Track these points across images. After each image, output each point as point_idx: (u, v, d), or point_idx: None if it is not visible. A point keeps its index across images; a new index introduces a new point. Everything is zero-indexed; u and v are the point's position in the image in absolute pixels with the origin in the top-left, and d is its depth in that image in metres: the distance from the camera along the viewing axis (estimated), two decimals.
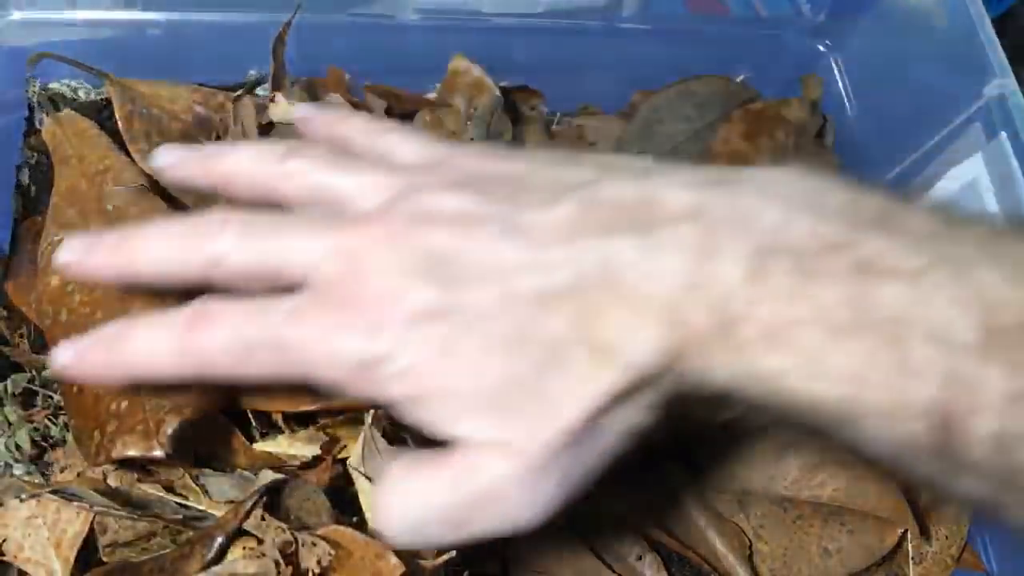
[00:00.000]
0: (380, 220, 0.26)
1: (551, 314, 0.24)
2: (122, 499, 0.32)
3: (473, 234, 0.24)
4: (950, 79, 0.45)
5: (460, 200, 0.25)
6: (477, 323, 0.24)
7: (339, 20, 0.47)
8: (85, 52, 0.43)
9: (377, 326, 0.24)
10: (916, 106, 0.47)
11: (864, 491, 0.38)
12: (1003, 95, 0.41)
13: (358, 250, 0.25)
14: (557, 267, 0.24)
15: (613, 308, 0.23)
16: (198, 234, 0.27)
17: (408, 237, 0.25)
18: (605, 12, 0.52)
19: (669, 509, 0.38)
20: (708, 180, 0.24)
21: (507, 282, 0.24)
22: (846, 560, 0.38)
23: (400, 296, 0.24)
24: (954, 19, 0.43)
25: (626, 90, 0.52)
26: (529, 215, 0.24)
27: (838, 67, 0.52)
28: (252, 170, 0.29)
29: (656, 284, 0.23)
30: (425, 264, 0.24)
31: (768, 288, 0.22)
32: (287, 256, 0.26)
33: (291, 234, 0.26)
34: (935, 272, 0.22)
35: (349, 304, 0.24)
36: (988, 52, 0.41)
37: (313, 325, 0.25)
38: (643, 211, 0.24)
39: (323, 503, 0.31)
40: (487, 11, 0.48)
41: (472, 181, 0.26)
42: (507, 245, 0.24)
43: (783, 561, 0.38)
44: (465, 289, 0.24)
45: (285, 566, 0.28)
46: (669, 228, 0.23)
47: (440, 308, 0.24)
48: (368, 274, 0.25)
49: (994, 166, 0.42)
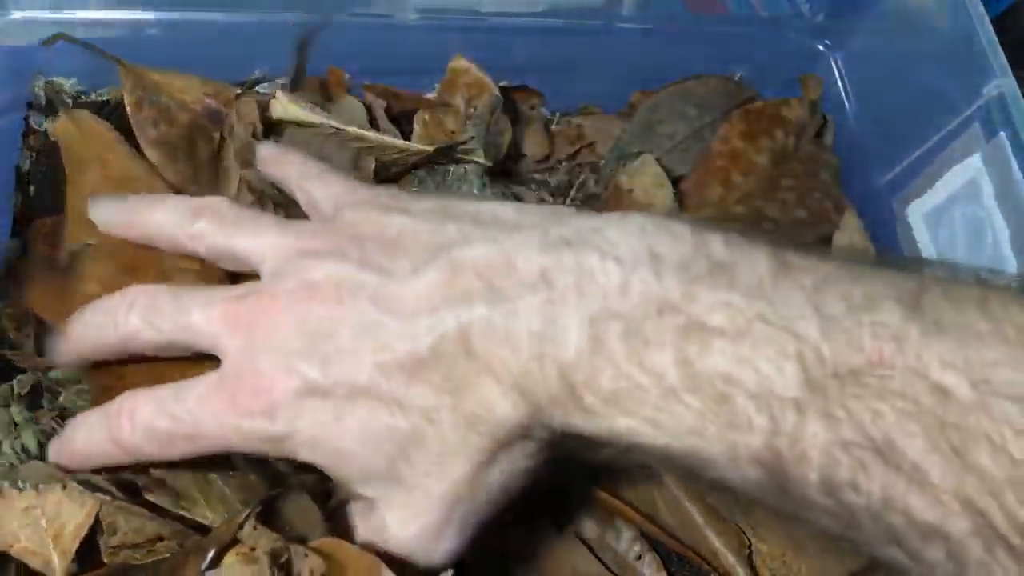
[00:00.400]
0: (269, 292, 0.28)
1: (419, 383, 0.25)
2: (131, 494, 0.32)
3: (347, 305, 0.26)
4: (950, 79, 0.45)
5: (339, 268, 0.27)
6: (358, 395, 0.26)
7: (339, 20, 0.47)
8: (84, 52, 0.43)
9: (272, 408, 0.27)
10: (916, 106, 0.47)
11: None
12: (1003, 95, 0.41)
13: (250, 324, 0.28)
14: (422, 336, 0.25)
15: (473, 376, 0.25)
16: (110, 316, 0.30)
17: (292, 310, 0.27)
18: (605, 12, 0.52)
19: (668, 509, 0.38)
20: (560, 240, 0.26)
21: (379, 353, 0.26)
22: (845, 558, 0.38)
23: (287, 377, 0.27)
24: (954, 19, 0.43)
25: (626, 90, 0.52)
26: (399, 283, 0.26)
27: (838, 67, 0.52)
28: (167, 230, 0.32)
29: (508, 354, 0.25)
30: (308, 340, 0.26)
31: (605, 356, 0.24)
32: (191, 331, 0.29)
33: (191, 309, 0.29)
34: (758, 330, 0.23)
35: (247, 388, 0.27)
36: (988, 52, 0.41)
37: (219, 413, 0.27)
38: (499, 276, 0.25)
39: (317, 515, 0.31)
40: (487, 11, 0.48)
41: (356, 241, 0.28)
42: (378, 315, 0.26)
43: (782, 560, 0.38)
44: (343, 363, 0.26)
45: (278, 572, 0.28)
46: (520, 297, 0.25)
47: (323, 385, 0.26)
48: (260, 353, 0.27)
49: (993, 166, 0.42)
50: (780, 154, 0.49)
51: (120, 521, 0.32)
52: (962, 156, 0.43)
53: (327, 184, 0.33)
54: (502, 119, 0.47)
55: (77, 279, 0.35)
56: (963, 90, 0.42)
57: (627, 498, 0.38)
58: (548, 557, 0.37)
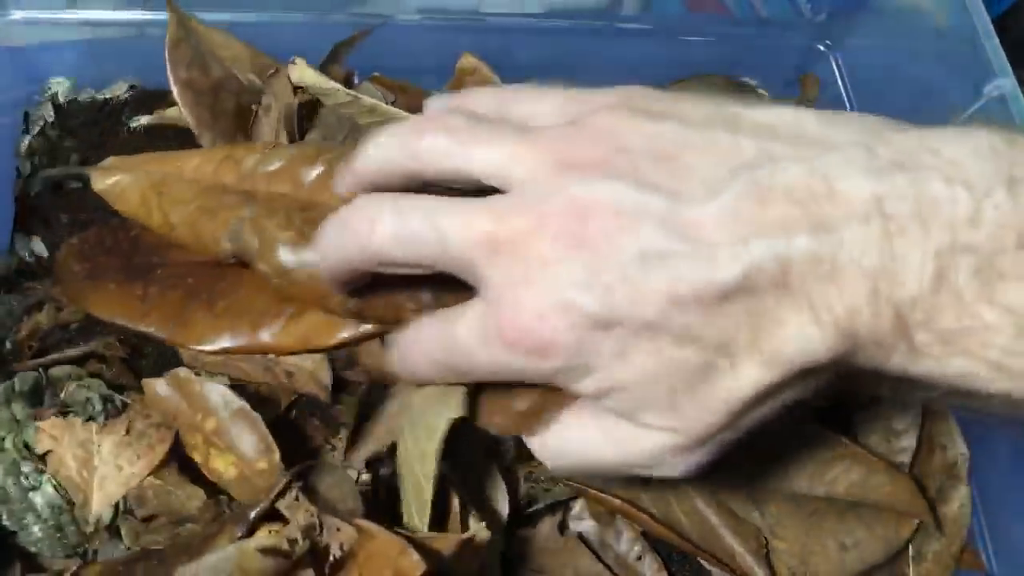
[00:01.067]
0: (533, 213, 0.25)
1: (719, 317, 0.23)
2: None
3: (631, 231, 0.23)
4: (950, 79, 0.45)
5: (613, 188, 0.24)
6: (646, 329, 0.23)
7: (339, 20, 0.47)
8: (85, 52, 0.43)
9: (544, 346, 0.24)
10: (916, 106, 0.47)
11: (879, 484, 0.37)
12: (1003, 95, 0.41)
13: (513, 251, 0.24)
14: (726, 267, 0.22)
15: (786, 312, 0.22)
16: (352, 234, 0.27)
17: (562, 238, 0.24)
18: (605, 12, 0.52)
19: (682, 510, 0.38)
20: (890, 163, 0.22)
21: (673, 285, 0.23)
22: (864, 554, 0.38)
23: (563, 314, 0.24)
24: (954, 19, 0.43)
25: None
26: (692, 209, 0.23)
27: (838, 67, 0.52)
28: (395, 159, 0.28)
29: (833, 291, 0.22)
30: (585, 271, 0.24)
31: (951, 294, 0.21)
32: (447, 256, 0.25)
33: (446, 232, 0.25)
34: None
35: (515, 324, 0.25)
36: (988, 52, 0.41)
37: (490, 347, 0.26)
38: (821, 203, 0.22)
39: (351, 488, 0.31)
40: (487, 11, 0.48)
41: (624, 154, 0.24)
42: (669, 243, 0.23)
43: (800, 558, 0.38)
44: (630, 295, 0.23)
45: (304, 542, 0.28)
46: (850, 227, 0.22)
47: (606, 319, 0.24)
48: (526, 286, 0.24)
49: None
50: None
51: (150, 493, 0.32)
52: None
53: (545, 96, 0.29)
54: None
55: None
56: (963, 90, 0.42)
57: (641, 502, 0.38)
58: (549, 557, 0.37)
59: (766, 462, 0.39)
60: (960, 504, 0.40)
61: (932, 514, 0.38)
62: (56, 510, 0.33)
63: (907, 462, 0.39)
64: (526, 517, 0.38)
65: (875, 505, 0.38)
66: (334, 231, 0.27)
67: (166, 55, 0.40)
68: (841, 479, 0.38)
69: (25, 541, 0.34)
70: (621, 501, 0.37)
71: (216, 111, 0.41)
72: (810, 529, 0.38)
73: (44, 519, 0.33)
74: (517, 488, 0.38)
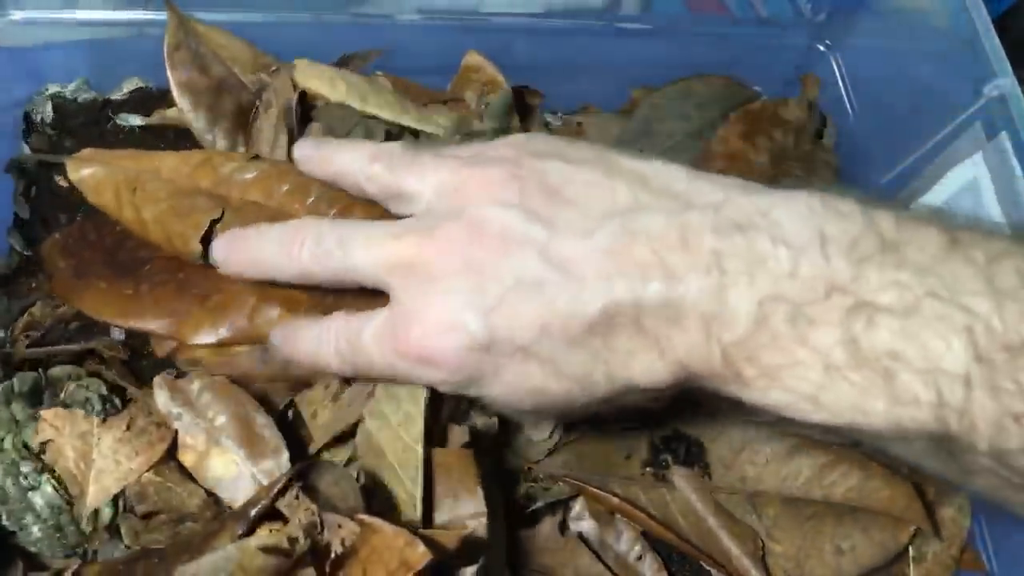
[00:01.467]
0: (430, 233, 0.28)
1: (580, 349, 0.26)
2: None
3: (513, 255, 0.26)
4: (950, 79, 0.45)
5: (503, 214, 0.27)
6: (518, 352, 0.27)
7: (339, 20, 0.47)
8: (85, 52, 0.43)
9: (433, 359, 0.28)
10: (916, 106, 0.47)
11: (877, 489, 0.38)
12: (1003, 95, 0.41)
13: (411, 266, 0.28)
14: (591, 301, 0.25)
15: (637, 348, 0.26)
16: (284, 248, 0.32)
17: (453, 253, 0.27)
18: (605, 12, 0.52)
19: (680, 511, 0.38)
20: (731, 223, 0.26)
21: (544, 312, 0.26)
22: (859, 558, 0.38)
23: (451, 333, 0.27)
24: (954, 19, 0.43)
25: (626, 90, 0.52)
26: (568, 242, 0.26)
27: (838, 67, 0.52)
28: (350, 170, 0.33)
29: (676, 332, 0.25)
30: (471, 288, 0.27)
31: (771, 335, 0.24)
32: (357, 272, 0.30)
33: (354, 250, 0.30)
34: (928, 306, 0.23)
35: (412, 337, 0.28)
36: (988, 52, 0.41)
37: (387, 354, 0.29)
38: (673, 252, 0.25)
39: (352, 485, 0.31)
40: (487, 11, 0.48)
41: (516, 181, 0.28)
42: (545, 272, 0.26)
43: (796, 561, 0.38)
44: (507, 318, 0.26)
45: (304, 540, 0.28)
46: (692, 278, 0.25)
47: (485, 342, 0.27)
48: (422, 299, 0.28)
49: (994, 166, 0.42)
50: (779, 154, 0.49)
51: (151, 490, 0.32)
52: (963, 156, 0.43)
53: (426, 167, 0.31)
54: (514, 115, 0.48)
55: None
56: (964, 90, 0.42)
57: (639, 501, 0.38)
58: (550, 557, 0.37)
59: (765, 465, 0.39)
60: (959, 506, 0.40)
61: (930, 520, 0.38)
62: (55, 510, 0.33)
63: (905, 467, 0.39)
64: (526, 517, 0.38)
65: (873, 510, 0.38)
66: (262, 241, 0.32)
67: (165, 58, 0.41)
68: (839, 483, 0.38)
69: (24, 541, 0.34)
70: (619, 500, 0.37)
71: (217, 112, 0.41)
72: (807, 532, 0.38)
73: (43, 519, 0.33)
74: (516, 487, 0.38)
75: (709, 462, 0.40)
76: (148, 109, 0.47)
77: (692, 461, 0.40)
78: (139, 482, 0.33)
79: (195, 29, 0.42)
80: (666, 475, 0.39)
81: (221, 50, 0.42)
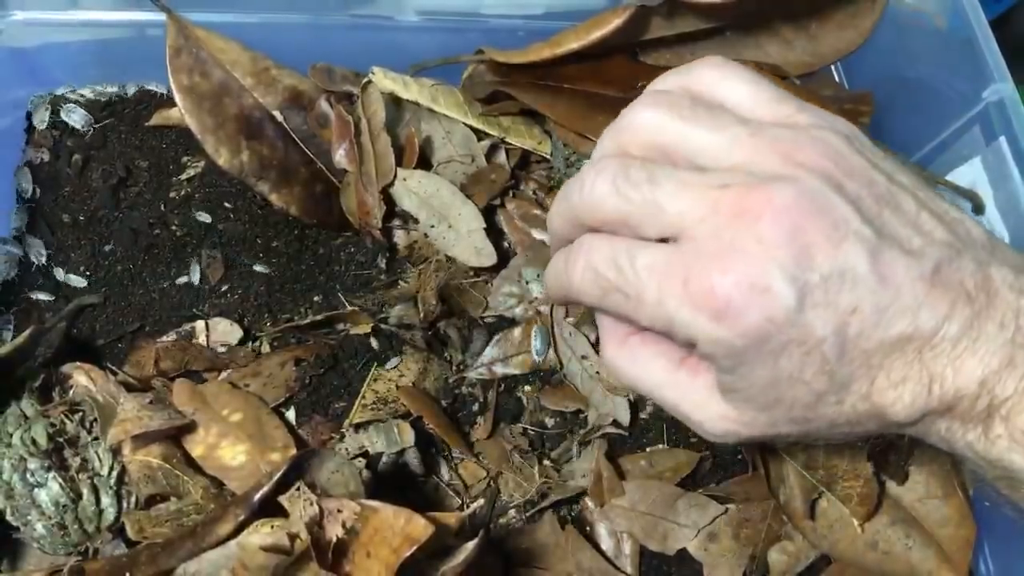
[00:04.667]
0: (761, 191, 0.26)
1: (859, 362, 0.26)
2: None
3: (843, 248, 0.25)
4: (949, 83, 0.45)
5: (843, 206, 0.26)
6: (797, 344, 0.25)
7: (339, 20, 0.47)
8: (86, 52, 0.43)
9: (721, 313, 0.25)
10: (915, 110, 0.47)
11: (943, 518, 0.38)
12: (1002, 100, 0.41)
13: (734, 214, 0.25)
14: (890, 317, 0.25)
15: (909, 375, 0.26)
16: (576, 180, 0.29)
17: (782, 222, 0.25)
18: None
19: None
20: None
21: (848, 311, 0.25)
22: (885, 565, 0.38)
23: (759, 295, 0.25)
24: (954, 24, 0.43)
25: None
26: (894, 255, 0.26)
27: (838, 70, 0.52)
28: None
29: (949, 373, 0.26)
30: (792, 263, 0.25)
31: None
32: (658, 206, 0.27)
33: (664, 183, 0.27)
34: None
35: (705, 281, 0.25)
36: (987, 57, 0.41)
37: (665, 289, 0.26)
38: (979, 300, 0.26)
39: (352, 472, 0.31)
40: (487, 12, 0.48)
41: (847, 181, 0.26)
42: (868, 273, 0.25)
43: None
44: (817, 306, 0.25)
45: (305, 536, 0.28)
46: (990, 322, 0.26)
47: (785, 319, 0.25)
48: (734, 251, 0.25)
49: (993, 170, 0.42)
50: None
51: (159, 475, 0.33)
52: (961, 160, 0.43)
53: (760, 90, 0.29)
54: None
55: None
56: (963, 95, 0.42)
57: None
58: (552, 552, 0.37)
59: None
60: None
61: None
62: (60, 508, 0.34)
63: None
64: (527, 515, 0.38)
65: (927, 533, 0.38)
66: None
67: (167, 63, 0.41)
68: (915, 490, 0.39)
69: (28, 537, 0.34)
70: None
71: (218, 116, 0.41)
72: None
73: (48, 516, 0.33)
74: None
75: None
76: (149, 109, 0.47)
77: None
78: (148, 465, 0.33)
79: (195, 34, 0.42)
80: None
81: (220, 54, 0.42)
